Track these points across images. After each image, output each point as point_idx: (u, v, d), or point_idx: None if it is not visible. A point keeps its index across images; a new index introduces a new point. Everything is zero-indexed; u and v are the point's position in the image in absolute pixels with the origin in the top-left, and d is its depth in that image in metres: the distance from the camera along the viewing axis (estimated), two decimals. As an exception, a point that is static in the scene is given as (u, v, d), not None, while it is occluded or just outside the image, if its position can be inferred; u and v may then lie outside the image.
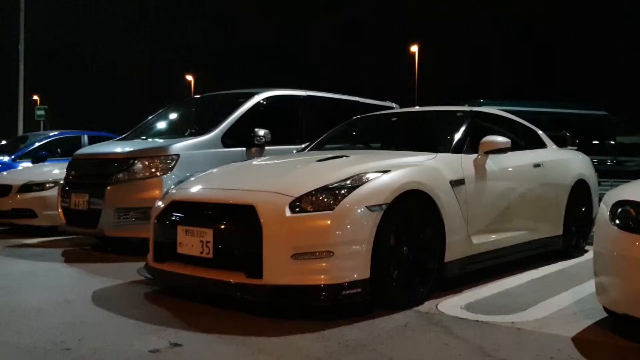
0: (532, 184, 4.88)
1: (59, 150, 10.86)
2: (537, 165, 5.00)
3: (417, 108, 5.44)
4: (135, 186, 5.51)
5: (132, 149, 5.75)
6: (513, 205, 4.61)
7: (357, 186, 3.43)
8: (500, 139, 4.37)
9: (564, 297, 3.90)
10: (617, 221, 2.95)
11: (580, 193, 5.48)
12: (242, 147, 6.10)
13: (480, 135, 4.52)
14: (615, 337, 3.04)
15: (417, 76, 35.74)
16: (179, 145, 5.69)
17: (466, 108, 5.00)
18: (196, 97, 7.34)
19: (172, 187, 4.29)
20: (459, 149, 4.36)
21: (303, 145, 5.57)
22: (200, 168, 5.57)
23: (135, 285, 4.29)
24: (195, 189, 3.97)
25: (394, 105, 8.28)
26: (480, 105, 11.85)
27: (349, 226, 3.29)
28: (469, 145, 4.44)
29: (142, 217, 5.44)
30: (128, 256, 5.48)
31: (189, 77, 52.02)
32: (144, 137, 6.50)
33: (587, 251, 5.67)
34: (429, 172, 3.86)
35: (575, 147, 6.26)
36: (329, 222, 3.28)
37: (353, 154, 4.20)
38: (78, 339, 3.00)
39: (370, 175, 3.54)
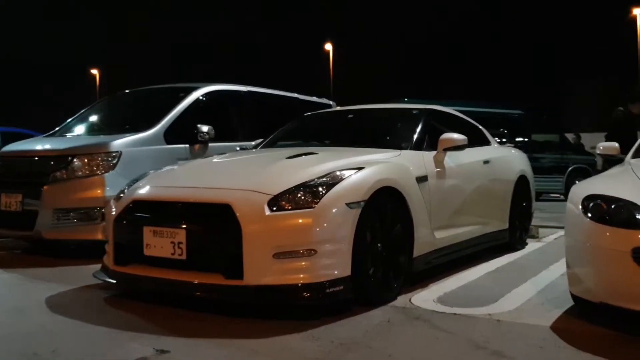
0: (483, 180, 5.04)
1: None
2: (486, 162, 5.16)
3: (372, 105, 5.46)
4: (75, 185, 5.20)
5: (69, 146, 5.41)
6: (468, 201, 4.74)
7: (335, 183, 3.39)
8: (458, 136, 4.47)
9: (526, 288, 4.05)
10: (590, 214, 3.09)
11: (522, 188, 5.72)
12: (185, 143, 5.90)
13: (433, 133, 4.62)
14: (589, 325, 3.17)
15: (332, 74, 36.10)
16: (121, 142, 5.42)
17: (421, 106, 5.09)
18: (130, 92, 7.01)
19: (127, 186, 4.06)
20: (420, 146, 4.42)
21: (254, 143, 5.45)
22: (144, 165, 5.32)
23: (89, 289, 4.04)
24: (160, 187, 3.79)
25: (331, 103, 8.29)
26: (404, 103, 12.13)
27: (330, 224, 3.26)
28: (428, 142, 4.51)
29: (84, 217, 5.18)
30: (67, 259, 5.17)
31: (94, 71, 49.73)
32: (78, 134, 6.15)
33: (527, 244, 5.92)
34: (399, 169, 3.89)
35: (513, 145, 6.54)
36: (311, 220, 3.22)
37: (320, 150, 4.15)
38: (51, 350, 2.78)
39: (346, 173, 3.51)
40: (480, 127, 5.76)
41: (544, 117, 16.89)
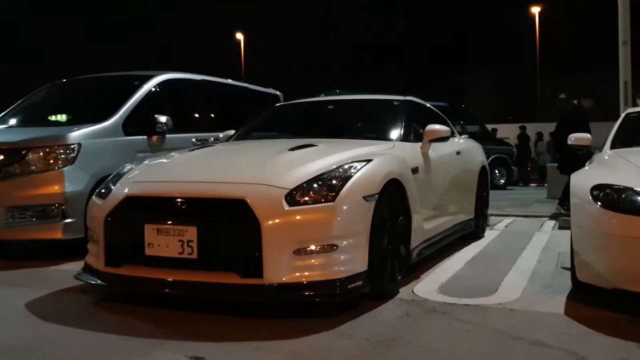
0: (457, 171, 5.13)
1: None
2: (458, 153, 5.26)
3: (353, 96, 5.40)
4: (31, 181, 4.78)
5: (23, 138, 4.96)
6: (447, 191, 4.81)
7: (350, 176, 3.31)
8: (442, 127, 4.51)
9: (515, 276, 4.13)
10: (600, 203, 3.20)
11: (483, 178, 5.88)
12: (143, 134, 5.59)
13: (414, 124, 4.64)
14: (600, 310, 3.27)
15: (243, 64, 35.65)
16: (80, 134, 5.04)
17: (401, 97, 5.08)
18: (77, 79, 6.51)
19: (111, 182, 3.77)
20: (407, 137, 4.43)
21: (222, 135, 5.24)
22: (104, 159, 5.06)
23: (69, 293, 3.77)
24: (160, 182, 3.54)
25: (278, 93, 8.15)
26: (337, 94, 12.16)
27: (350, 217, 3.18)
28: (414, 133, 4.53)
29: (42, 216, 4.79)
30: (19, 261, 4.77)
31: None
32: (26, 125, 5.67)
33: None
34: (399, 160, 3.86)
35: (467, 135, 6.72)
36: (331, 214, 3.13)
37: (319, 143, 4.02)
38: (72, 363, 2.54)
39: (356, 165, 3.44)
40: (445, 117, 5.85)
41: (462, 107, 17.50)
